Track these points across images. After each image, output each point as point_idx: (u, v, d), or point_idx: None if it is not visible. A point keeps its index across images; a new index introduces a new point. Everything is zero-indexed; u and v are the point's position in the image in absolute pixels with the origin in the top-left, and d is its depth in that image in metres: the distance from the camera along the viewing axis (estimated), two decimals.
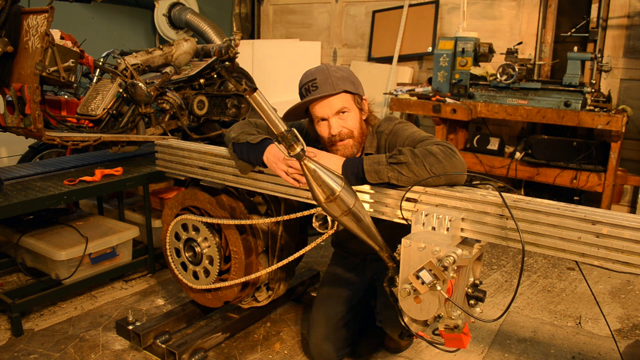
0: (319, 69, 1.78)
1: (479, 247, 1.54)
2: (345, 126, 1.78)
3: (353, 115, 1.80)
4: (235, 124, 2.05)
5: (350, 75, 1.81)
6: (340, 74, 1.76)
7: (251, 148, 1.83)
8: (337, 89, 1.73)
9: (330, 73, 1.75)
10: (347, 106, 1.77)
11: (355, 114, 1.81)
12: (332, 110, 1.76)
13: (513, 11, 4.54)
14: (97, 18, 4.95)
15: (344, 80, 1.75)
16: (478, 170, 4.10)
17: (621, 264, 1.31)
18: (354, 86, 1.79)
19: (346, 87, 1.75)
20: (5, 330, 2.42)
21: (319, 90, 1.73)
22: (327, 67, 1.78)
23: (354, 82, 1.80)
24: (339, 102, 1.76)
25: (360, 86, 1.84)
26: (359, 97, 1.82)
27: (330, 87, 1.73)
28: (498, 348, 2.34)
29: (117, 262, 2.82)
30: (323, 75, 1.74)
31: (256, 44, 5.18)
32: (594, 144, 3.68)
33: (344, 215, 1.47)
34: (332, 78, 1.74)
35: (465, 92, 3.97)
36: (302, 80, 1.79)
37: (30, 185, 2.55)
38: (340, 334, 2.14)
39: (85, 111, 2.92)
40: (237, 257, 2.10)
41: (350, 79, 1.78)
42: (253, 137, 1.84)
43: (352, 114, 1.79)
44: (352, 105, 1.79)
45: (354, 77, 1.82)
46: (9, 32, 2.47)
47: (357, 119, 1.81)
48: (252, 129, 1.94)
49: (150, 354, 2.25)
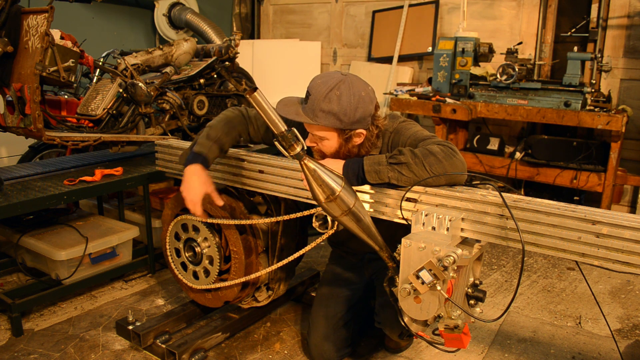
0: (322, 84, 1.63)
1: (479, 247, 1.54)
2: (319, 146, 1.73)
3: (329, 144, 1.71)
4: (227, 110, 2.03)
5: (346, 109, 1.62)
6: (331, 107, 1.61)
7: (190, 153, 1.91)
8: (313, 120, 1.63)
9: (321, 101, 1.61)
10: (324, 136, 1.69)
11: (333, 142, 1.70)
12: (309, 129, 1.71)
13: (513, 11, 4.54)
14: (97, 18, 4.95)
15: (327, 115, 1.61)
16: (478, 170, 4.10)
17: (621, 264, 1.31)
18: (339, 122, 1.63)
19: (324, 122, 1.63)
20: (5, 330, 2.42)
21: (305, 108, 1.65)
22: (330, 88, 1.61)
23: (343, 118, 1.63)
24: (314, 129, 1.69)
25: (355, 121, 1.65)
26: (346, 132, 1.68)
27: (310, 114, 1.63)
28: (498, 348, 2.34)
29: (117, 262, 2.82)
30: (315, 97, 1.62)
31: (256, 44, 5.18)
32: (594, 144, 3.68)
33: (344, 215, 1.47)
34: (317, 107, 1.61)
35: (465, 92, 3.97)
36: (311, 81, 1.69)
37: (30, 185, 2.55)
38: (340, 333, 2.14)
39: (85, 111, 2.92)
40: (237, 257, 2.10)
41: (338, 116, 1.61)
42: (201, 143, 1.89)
43: (329, 142, 1.70)
44: (331, 135, 1.68)
45: (351, 110, 1.62)
46: (9, 32, 2.47)
47: (332, 147, 1.71)
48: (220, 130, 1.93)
49: (150, 354, 2.25)
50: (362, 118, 1.67)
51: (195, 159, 1.85)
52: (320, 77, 1.67)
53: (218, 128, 1.93)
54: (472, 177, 1.63)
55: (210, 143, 1.89)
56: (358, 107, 1.64)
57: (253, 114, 2.02)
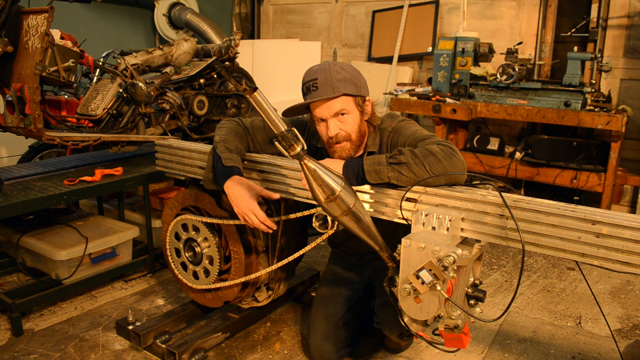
0: (321, 67, 1.73)
1: (479, 247, 1.54)
2: (343, 129, 1.76)
3: (352, 118, 1.76)
4: (224, 122, 2.00)
5: (354, 75, 1.75)
6: (342, 75, 1.72)
7: (220, 167, 1.83)
8: (336, 92, 1.69)
9: (332, 74, 1.70)
10: (347, 108, 1.74)
11: (355, 116, 1.77)
12: (330, 112, 1.73)
13: (513, 11, 4.54)
14: (97, 18, 4.95)
15: (344, 83, 1.71)
16: (478, 170, 4.10)
17: (621, 264, 1.31)
18: (355, 88, 1.74)
19: (346, 90, 1.71)
20: (5, 330, 2.42)
21: (319, 91, 1.70)
22: (329, 66, 1.73)
23: (357, 82, 1.75)
24: (338, 105, 1.73)
25: (364, 86, 1.79)
26: (360, 99, 1.77)
27: (329, 89, 1.69)
28: (498, 348, 2.34)
29: (117, 262, 2.82)
30: (324, 75, 1.70)
31: (256, 44, 5.18)
32: (594, 144, 3.68)
33: (344, 215, 1.47)
34: (332, 80, 1.70)
35: (465, 92, 3.97)
36: (304, 77, 1.76)
37: (30, 185, 2.55)
38: (340, 333, 2.14)
39: (85, 111, 2.92)
40: (237, 257, 2.10)
41: (352, 80, 1.73)
42: (228, 156, 1.83)
43: (351, 116, 1.76)
44: (352, 107, 1.75)
45: (358, 76, 1.77)
46: (9, 32, 2.47)
47: (356, 121, 1.78)
48: (233, 141, 1.90)
49: (150, 354, 2.25)
50: (365, 84, 1.81)
51: (231, 172, 1.81)
52: (311, 67, 1.77)
53: (230, 140, 1.91)
54: (472, 177, 1.63)
55: (233, 155, 1.86)
56: (358, 72, 1.80)
57: (249, 124, 2.01)
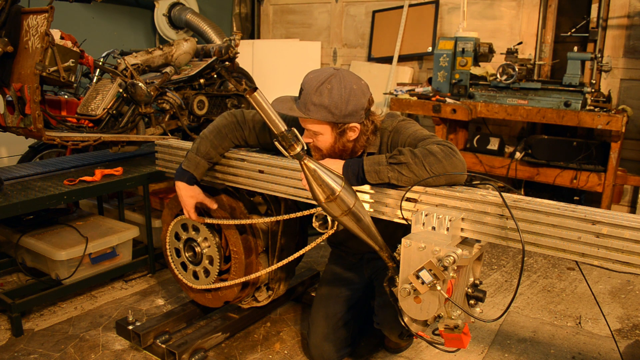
0: (315, 79, 1.65)
1: (479, 247, 1.54)
2: (315, 143, 1.74)
3: (324, 139, 1.71)
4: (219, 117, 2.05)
5: (337, 102, 1.63)
6: (322, 100, 1.62)
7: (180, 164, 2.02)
8: (306, 114, 1.65)
9: (312, 95, 1.63)
10: (318, 131, 1.70)
11: (327, 137, 1.71)
12: (303, 124, 1.73)
13: (513, 11, 4.54)
14: (97, 18, 4.95)
15: (318, 109, 1.63)
16: (478, 170, 4.10)
17: (621, 264, 1.31)
18: (331, 115, 1.64)
19: (316, 116, 1.64)
20: (5, 330, 2.42)
21: (298, 103, 1.68)
22: (321, 83, 1.64)
23: (335, 111, 1.64)
24: (308, 124, 1.70)
25: (347, 114, 1.66)
26: (339, 125, 1.68)
27: (303, 108, 1.66)
28: (498, 348, 2.34)
29: (117, 262, 2.82)
30: (307, 91, 1.64)
31: (256, 44, 5.18)
32: (594, 144, 3.68)
33: (344, 215, 1.47)
34: (308, 100, 1.64)
35: (465, 92, 3.97)
36: (306, 76, 1.71)
37: (30, 185, 2.55)
38: (340, 333, 2.14)
39: (85, 111, 2.92)
40: (237, 257, 2.10)
41: (329, 109, 1.63)
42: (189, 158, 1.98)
43: (323, 137, 1.71)
44: (325, 130, 1.69)
45: (343, 103, 1.64)
46: (9, 32, 2.47)
47: (327, 142, 1.72)
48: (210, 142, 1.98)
49: (150, 354, 2.25)
50: (354, 111, 1.67)
51: (182, 176, 1.99)
52: (313, 72, 1.70)
53: (207, 141, 1.99)
54: (472, 177, 1.63)
55: (198, 159, 1.98)
56: (350, 100, 1.65)
57: (250, 118, 2.01)
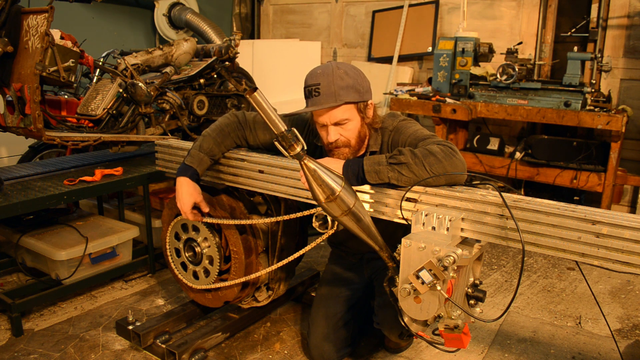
0: (325, 71, 1.69)
1: (479, 247, 1.54)
2: (343, 134, 1.75)
3: (353, 125, 1.74)
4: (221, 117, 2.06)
5: (357, 80, 1.71)
6: (346, 81, 1.68)
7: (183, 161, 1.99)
8: (338, 101, 1.67)
9: (335, 81, 1.66)
10: (348, 117, 1.72)
11: (356, 122, 1.75)
12: (332, 120, 1.72)
13: (513, 11, 4.54)
14: (97, 18, 4.95)
15: (347, 90, 1.68)
16: (478, 170, 4.10)
17: (621, 264, 1.31)
18: (358, 94, 1.71)
19: (349, 98, 1.68)
20: (5, 330, 2.42)
21: (321, 98, 1.67)
22: (333, 71, 1.68)
23: (360, 89, 1.71)
24: (339, 114, 1.70)
25: (367, 91, 1.75)
26: (363, 104, 1.75)
27: (332, 98, 1.66)
28: (498, 348, 2.34)
29: (117, 262, 2.82)
30: (327, 81, 1.66)
31: (256, 44, 5.18)
32: (594, 144, 3.68)
33: (344, 215, 1.47)
34: (335, 87, 1.66)
35: (465, 92, 3.97)
36: (307, 80, 1.73)
37: (30, 185, 2.55)
38: (340, 333, 2.14)
39: (85, 111, 2.92)
40: (237, 257, 2.10)
41: (355, 87, 1.70)
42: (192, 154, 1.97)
43: (352, 122, 1.74)
44: (354, 114, 1.73)
45: (361, 81, 1.73)
46: (9, 32, 2.47)
47: (356, 128, 1.76)
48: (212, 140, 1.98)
49: (150, 354, 2.25)
50: (369, 87, 1.78)
51: (185, 172, 1.97)
52: (315, 70, 1.73)
53: (210, 139, 1.99)
54: (472, 177, 1.63)
55: (202, 155, 1.98)
56: (362, 76, 1.75)
57: (251, 118, 2.03)
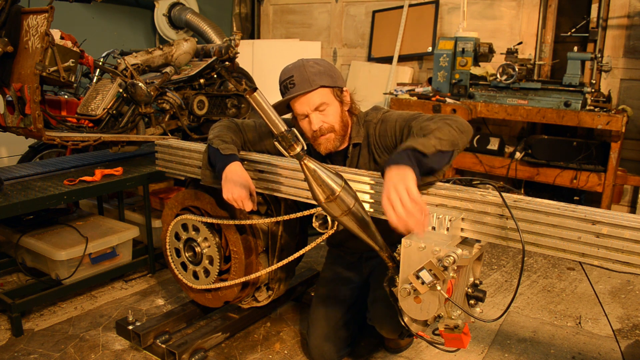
0: (296, 65, 1.78)
1: (479, 247, 1.54)
2: (326, 120, 1.80)
3: (333, 109, 1.80)
4: (217, 122, 2.04)
5: (328, 68, 1.80)
6: (317, 68, 1.76)
7: (219, 157, 1.84)
8: (313, 85, 1.74)
9: (307, 69, 1.75)
10: (326, 101, 1.78)
11: (336, 107, 1.81)
12: (311, 106, 1.77)
13: (513, 11, 4.54)
14: (97, 18, 4.95)
15: (320, 75, 1.76)
16: (478, 170, 4.10)
17: (621, 264, 1.31)
18: (331, 79, 1.78)
19: (323, 82, 1.75)
20: (5, 330, 2.42)
21: (297, 87, 1.75)
22: (303, 62, 1.78)
23: (332, 75, 1.79)
24: (317, 98, 1.77)
25: (339, 78, 1.83)
26: (338, 90, 1.82)
27: (307, 84, 1.74)
28: (498, 348, 2.34)
29: (117, 262, 2.82)
30: (299, 71, 1.75)
31: (256, 44, 5.18)
32: (594, 144, 3.68)
33: (344, 215, 1.47)
34: (308, 74, 1.74)
35: (465, 92, 3.97)
36: (280, 77, 1.81)
37: (30, 185, 2.55)
38: (340, 333, 2.14)
39: (85, 111, 2.92)
40: (237, 257, 2.10)
41: (327, 73, 1.78)
42: (225, 147, 1.85)
43: (332, 107, 1.80)
44: (331, 99, 1.79)
45: (332, 69, 1.82)
46: (9, 32, 2.47)
47: (337, 113, 1.82)
48: (228, 135, 1.93)
49: (150, 354, 2.25)
50: (341, 76, 1.87)
51: (229, 159, 1.83)
52: (286, 67, 1.81)
53: (224, 134, 1.94)
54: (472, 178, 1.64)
55: (230, 145, 1.89)
56: (332, 66, 1.85)
57: (240, 122, 2.06)
